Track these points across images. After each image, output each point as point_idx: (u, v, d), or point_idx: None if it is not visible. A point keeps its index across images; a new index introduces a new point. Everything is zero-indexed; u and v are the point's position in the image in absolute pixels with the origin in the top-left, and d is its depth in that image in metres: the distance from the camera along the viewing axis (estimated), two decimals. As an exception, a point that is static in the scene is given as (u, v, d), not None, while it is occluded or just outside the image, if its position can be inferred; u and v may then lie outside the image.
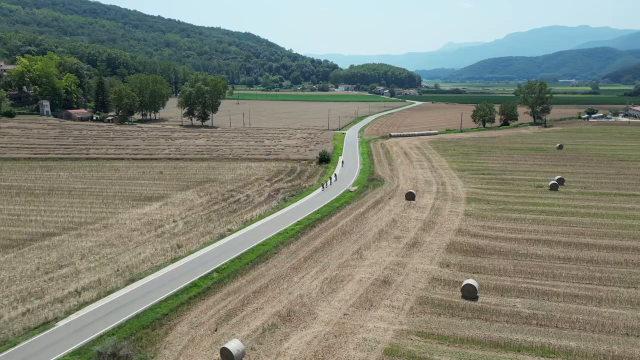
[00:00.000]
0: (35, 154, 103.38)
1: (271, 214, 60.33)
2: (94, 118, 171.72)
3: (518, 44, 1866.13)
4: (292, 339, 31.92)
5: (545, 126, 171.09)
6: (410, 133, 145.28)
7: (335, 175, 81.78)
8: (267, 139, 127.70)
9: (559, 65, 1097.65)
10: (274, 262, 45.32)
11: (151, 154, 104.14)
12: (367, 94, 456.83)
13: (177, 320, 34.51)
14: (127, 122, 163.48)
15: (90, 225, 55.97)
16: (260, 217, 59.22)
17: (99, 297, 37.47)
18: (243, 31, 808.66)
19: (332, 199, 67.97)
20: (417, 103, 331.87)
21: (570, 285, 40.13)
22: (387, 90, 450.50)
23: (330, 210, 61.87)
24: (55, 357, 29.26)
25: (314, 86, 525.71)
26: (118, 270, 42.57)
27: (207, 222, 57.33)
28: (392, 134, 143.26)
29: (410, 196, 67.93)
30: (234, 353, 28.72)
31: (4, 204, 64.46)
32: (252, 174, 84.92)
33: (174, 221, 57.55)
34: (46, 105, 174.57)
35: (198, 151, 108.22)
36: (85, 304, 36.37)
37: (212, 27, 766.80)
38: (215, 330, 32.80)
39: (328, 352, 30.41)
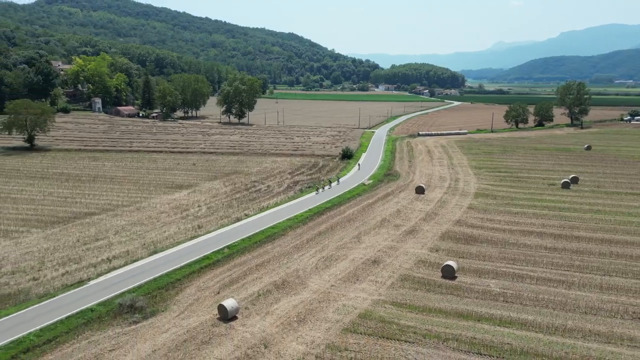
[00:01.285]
0: (85, 146, 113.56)
1: (286, 203, 65.67)
2: (140, 115, 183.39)
3: (573, 43, 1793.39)
4: (282, 302, 36.97)
5: (582, 127, 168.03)
6: (439, 132, 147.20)
7: (339, 179, 78.83)
8: (297, 136, 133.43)
9: (615, 65, 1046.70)
10: (280, 242, 50.57)
11: (187, 148, 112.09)
12: (406, 94, 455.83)
13: (187, 284, 40.34)
14: (169, 119, 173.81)
15: (126, 207, 63.23)
16: (276, 204, 64.67)
17: (125, 264, 43.88)
18: (287, 31, 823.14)
19: (345, 190, 72.57)
20: (456, 103, 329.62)
21: (547, 271, 43.09)
22: (427, 90, 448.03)
23: (341, 201, 66.53)
24: (85, 307, 35.58)
25: (354, 86, 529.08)
26: (144, 244, 49.02)
27: (227, 207, 63.35)
28: (420, 132, 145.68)
29: (419, 190, 71.49)
30: (228, 309, 34.09)
31: (55, 188, 73.12)
32: (276, 168, 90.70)
33: (198, 206, 63.95)
34: (98, 102, 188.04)
35: (230, 146, 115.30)
36: (114, 269, 42.82)
37: (257, 28, 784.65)
38: (218, 293, 38.33)
39: (309, 313, 35.26)
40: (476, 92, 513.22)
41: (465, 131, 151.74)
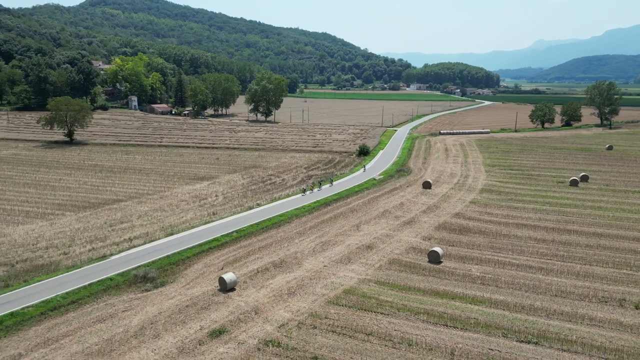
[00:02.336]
0: (119, 140, 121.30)
1: (297, 194, 69.85)
2: (173, 112, 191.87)
3: (618, 41, 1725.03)
4: (277, 279, 41.16)
5: (610, 128, 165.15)
6: (460, 131, 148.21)
7: (332, 181, 76.67)
8: (319, 134, 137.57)
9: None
10: (284, 228, 54.81)
11: (213, 144, 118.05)
12: (438, 93, 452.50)
13: (196, 261, 45.11)
14: (200, 116, 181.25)
15: (150, 195, 68.97)
16: (287, 196, 68.99)
17: (144, 243, 49.08)
18: (320, 31, 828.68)
19: (355, 185, 76.14)
20: (487, 103, 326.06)
21: (530, 259, 45.59)
22: (459, 90, 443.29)
23: (349, 194, 70.21)
24: (105, 276, 40.77)
25: (385, 85, 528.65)
26: (162, 227, 54.22)
27: (242, 197, 68.13)
28: (441, 131, 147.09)
29: (426, 185, 74.29)
30: (227, 281, 38.53)
31: (89, 178, 79.87)
32: (294, 163, 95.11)
33: (215, 196, 69.02)
34: (134, 100, 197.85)
35: (254, 142, 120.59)
36: (134, 247, 48.08)
37: (290, 28, 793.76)
38: (221, 269, 42.87)
39: (300, 287, 39.29)
40: (510, 92, 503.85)
41: (488, 130, 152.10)
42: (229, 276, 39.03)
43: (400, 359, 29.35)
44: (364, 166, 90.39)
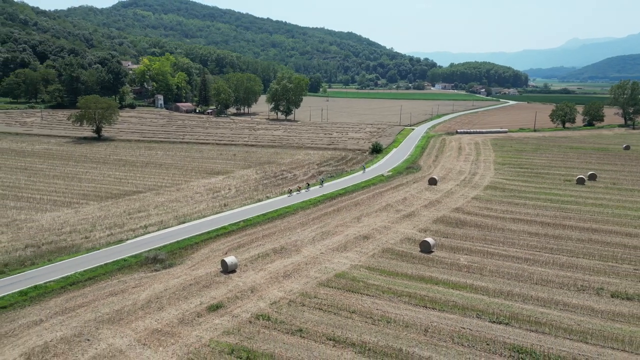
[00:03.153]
0: (144, 137, 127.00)
1: (305, 189, 72.96)
2: (197, 111, 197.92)
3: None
4: (275, 263, 44.40)
5: (634, 128, 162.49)
6: (477, 130, 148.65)
7: (322, 182, 75.02)
8: (336, 132, 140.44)
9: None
10: (289, 219, 58.04)
11: (232, 141, 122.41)
12: (463, 92, 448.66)
13: (203, 246, 48.78)
14: (223, 115, 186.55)
15: (167, 188, 73.32)
16: (296, 190, 72.13)
17: (158, 230, 53.09)
18: (345, 31, 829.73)
19: (362, 180, 78.79)
20: (511, 103, 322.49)
21: (519, 251, 47.51)
22: (484, 89, 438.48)
23: (355, 189, 72.96)
24: (120, 257, 44.80)
25: (410, 85, 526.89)
26: (176, 216, 58.20)
27: (253, 191, 71.73)
28: (458, 130, 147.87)
29: (432, 181, 76.32)
30: (228, 263, 41.98)
31: (112, 171, 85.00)
32: (307, 159, 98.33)
33: (228, 189, 72.85)
34: (160, 98, 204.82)
35: (271, 140, 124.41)
36: (148, 233, 52.12)
37: (316, 28, 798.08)
38: (225, 254, 46.36)
39: (295, 271, 42.42)
40: (538, 91, 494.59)
41: (506, 130, 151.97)
42: (230, 259, 42.49)
43: (378, 333, 32.11)
44: (364, 167, 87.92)
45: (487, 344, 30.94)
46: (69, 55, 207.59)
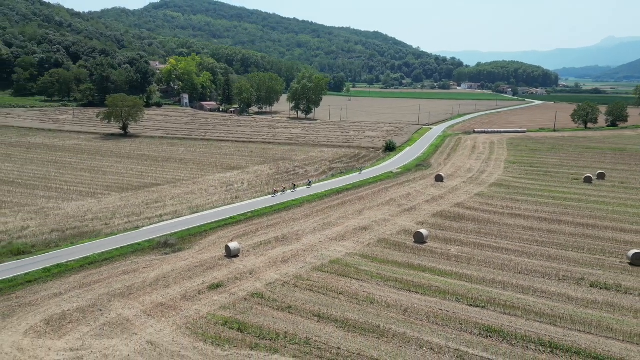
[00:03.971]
0: (167, 134, 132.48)
1: (315, 184, 76.04)
2: (220, 109, 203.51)
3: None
4: (276, 249, 47.63)
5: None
6: (495, 130, 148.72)
7: (310, 183, 74.14)
8: (353, 131, 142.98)
9: None
10: (294, 211, 61.22)
11: (251, 138, 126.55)
12: (489, 92, 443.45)
13: (211, 234, 52.42)
14: (245, 113, 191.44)
15: (185, 181, 77.59)
16: (305, 184, 75.31)
17: (171, 218, 57.07)
18: (372, 30, 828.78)
19: (371, 176, 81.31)
20: (537, 102, 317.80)
21: (510, 243, 49.39)
22: (510, 89, 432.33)
23: (362, 184, 75.60)
24: (134, 242, 48.83)
25: (435, 84, 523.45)
26: (189, 207, 62.13)
27: (264, 185, 75.23)
28: (475, 130, 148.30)
29: (438, 178, 78.24)
30: (231, 248, 45.44)
31: (135, 165, 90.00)
32: (321, 156, 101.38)
33: (241, 183, 76.58)
34: (185, 97, 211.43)
35: (289, 138, 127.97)
36: (162, 221, 56.13)
37: (342, 27, 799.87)
38: (231, 240, 49.85)
39: (293, 257, 45.55)
40: (568, 91, 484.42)
41: (524, 130, 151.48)
42: (233, 245, 45.95)
43: (360, 312, 34.91)
44: (360, 169, 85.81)
45: (460, 324, 33.37)
46: (100, 56, 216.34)
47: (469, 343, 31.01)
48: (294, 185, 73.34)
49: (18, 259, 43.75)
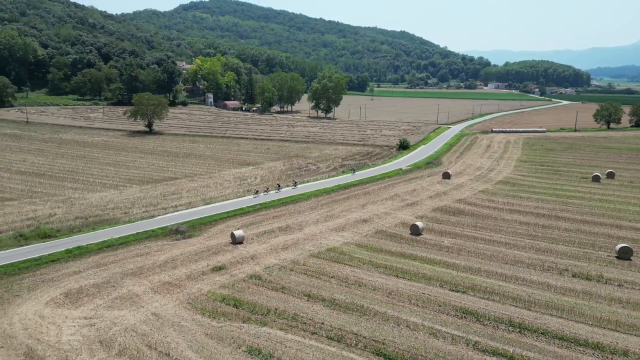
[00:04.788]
0: (190, 131, 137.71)
1: (324, 179, 79.01)
2: (243, 108, 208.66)
3: None
4: (278, 238, 50.85)
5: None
6: (514, 129, 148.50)
7: (295, 183, 73.53)
8: (370, 129, 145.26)
9: None
10: (301, 204, 64.36)
11: (269, 136, 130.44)
12: (516, 92, 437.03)
13: (220, 223, 56.06)
14: (266, 112, 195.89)
15: (202, 175, 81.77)
16: (315, 180, 78.42)
17: (185, 209, 61.03)
18: (398, 30, 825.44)
19: (380, 173, 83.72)
20: (564, 103, 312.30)
21: (503, 237, 51.25)
22: (538, 89, 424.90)
23: (369, 180, 78.15)
24: (149, 229, 52.86)
25: (462, 84, 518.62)
26: (203, 199, 66.04)
27: (276, 179, 78.62)
28: (493, 129, 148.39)
29: (445, 175, 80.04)
30: (236, 235, 48.90)
31: (156, 160, 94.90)
32: (334, 154, 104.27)
33: (255, 177, 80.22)
34: (210, 97, 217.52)
35: (306, 136, 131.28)
36: (177, 211, 60.13)
37: (368, 27, 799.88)
38: (237, 229, 53.33)
39: (293, 245, 48.68)
40: (599, 91, 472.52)
41: (544, 129, 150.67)
42: (238, 232, 49.41)
43: (348, 294, 37.74)
44: (354, 170, 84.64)
45: (439, 306, 35.83)
46: (130, 56, 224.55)
47: (443, 322, 33.47)
48: (279, 185, 72.36)
49: (44, 242, 48.28)
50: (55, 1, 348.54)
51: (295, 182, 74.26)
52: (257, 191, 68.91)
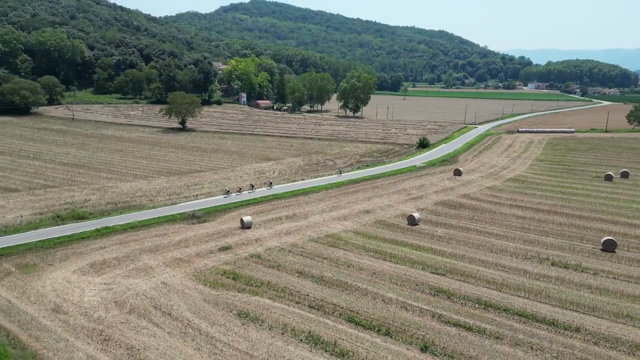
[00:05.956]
0: (220, 129, 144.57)
1: (249, 190, 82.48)
2: (274, 108, 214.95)
3: None
4: (283, 225, 55.34)
5: None
6: (540, 130, 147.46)
7: (270, 184, 72.82)
8: (395, 128, 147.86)
9: None
10: (311, 195, 68.64)
11: (294, 134, 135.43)
12: (556, 92, 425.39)
13: (234, 210, 61.12)
14: (296, 112, 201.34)
15: (225, 169, 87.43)
16: (330, 174, 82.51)
17: (205, 198, 66.50)
18: (437, 29, 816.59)
19: (394, 169, 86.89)
20: (605, 103, 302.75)
21: (496, 229, 53.79)
22: (579, 89, 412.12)
23: (380, 175, 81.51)
24: (169, 214, 58.49)
25: (500, 84, 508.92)
26: (222, 189, 71.41)
27: (293, 174, 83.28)
28: (519, 129, 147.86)
29: (457, 172, 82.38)
30: (244, 221, 53.75)
31: (185, 155, 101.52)
32: (353, 151, 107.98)
33: (273, 171, 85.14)
34: (243, 96, 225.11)
35: (330, 134, 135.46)
36: (196, 199, 65.66)
37: (406, 27, 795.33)
38: (248, 215, 58.22)
39: (296, 231, 53.04)
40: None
41: (573, 130, 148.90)
42: (246, 218, 54.26)
43: (336, 272, 41.73)
44: (340, 171, 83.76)
45: (416, 285, 39.32)
46: (169, 57, 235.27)
47: (416, 298, 36.98)
48: (252, 186, 71.78)
49: (77, 222, 54.62)
50: (103, 5, 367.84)
51: (271, 183, 73.22)
52: (228, 191, 68.45)
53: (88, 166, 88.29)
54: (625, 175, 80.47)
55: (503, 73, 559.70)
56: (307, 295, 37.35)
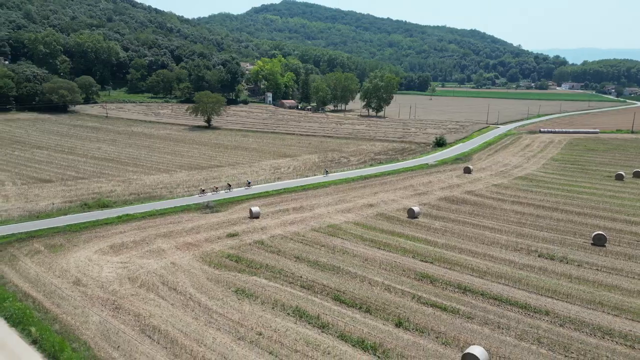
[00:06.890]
0: (244, 127, 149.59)
1: (350, 170, 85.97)
2: (299, 107, 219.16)
3: None
4: (289, 215, 58.88)
5: None
6: (563, 130, 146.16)
7: (249, 183, 73.06)
8: (415, 128, 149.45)
9: None
10: (320, 190, 71.96)
11: (315, 132, 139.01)
12: (590, 92, 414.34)
13: (244, 202, 65.03)
14: (320, 111, 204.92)
15: (243, 164, 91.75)
16: (342, 171, 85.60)
17: (222, 190, 70.77)
18: (468, 28, 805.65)
19: (405, 166, 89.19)
20: (639, 104, 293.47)
21: (493, 223, 55.76)
22: (614, 89, 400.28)
23: (390, 172, 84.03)
24: (185, 204, 62.92)
25: (532, 84, 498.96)
26: (237, 183, 75.51)
27: (307, 170, 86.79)
28: (541, 129, 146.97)
29: (466, 170, 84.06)
30: (252, 211, 57.57)
31: (208, 151, 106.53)
32: (369, 149, 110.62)
33: (288, 167, 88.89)
34: (269, 95, 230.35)
35: (349, 133, 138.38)
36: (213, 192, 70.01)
37: (437, 26, 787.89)
38: (257, 207, 62.04)
39: (300, 221, 56.47)
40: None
41: (597, 130, 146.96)
42: (255, 208, 58.09)
43: (330, 258, 44.94)
44: (327, 172, 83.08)
45: (403, 270, 42.12)
46: (198, 58, 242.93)
47: (401, 282, 39.81)
48: (229, 185, 71.53)
49: (102, 209, 59.67)
50: (139, 7, 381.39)
51: (249, 182, 73.32)
52: (204, 190, 69.02)
53: (117, 160, 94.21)
54: (637, 175, 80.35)
55: (536, 73, 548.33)
56: (301, 277, 40.70)
